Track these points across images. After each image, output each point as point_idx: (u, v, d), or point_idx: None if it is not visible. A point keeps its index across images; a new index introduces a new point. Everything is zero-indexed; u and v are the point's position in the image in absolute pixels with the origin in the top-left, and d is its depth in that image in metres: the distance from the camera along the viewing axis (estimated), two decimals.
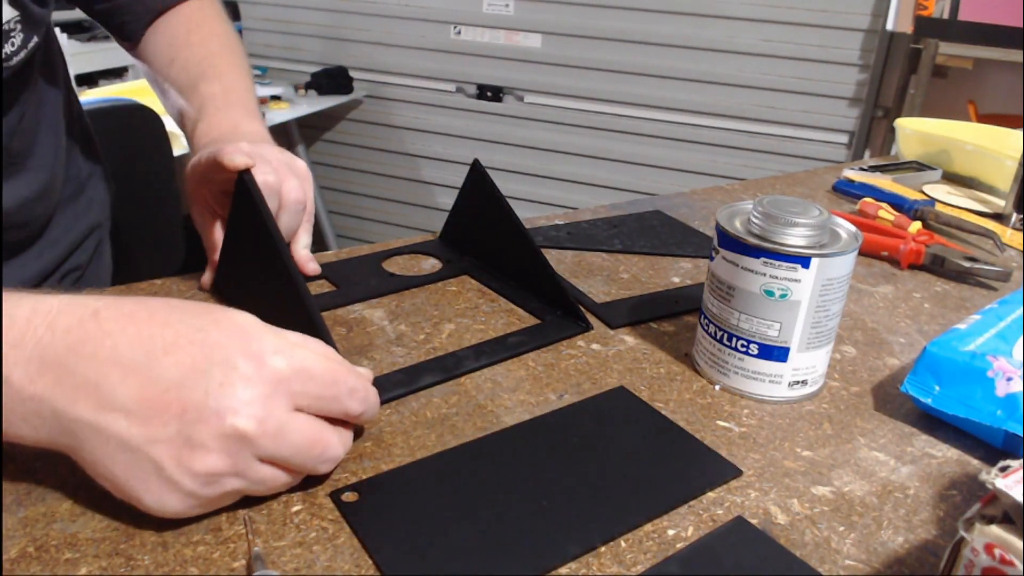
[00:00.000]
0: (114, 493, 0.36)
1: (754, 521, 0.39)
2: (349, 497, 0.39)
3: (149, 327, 0.36)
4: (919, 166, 1.01)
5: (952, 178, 1.00)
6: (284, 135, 2.66)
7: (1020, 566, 0.28)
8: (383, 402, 0.47)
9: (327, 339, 0.44)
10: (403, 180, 2.75)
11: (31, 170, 0.66)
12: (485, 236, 0.64)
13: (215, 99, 0.65)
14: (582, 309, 0.58)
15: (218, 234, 0.58)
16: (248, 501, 0.38)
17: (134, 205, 1.07)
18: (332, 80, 2.52)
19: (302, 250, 0.62)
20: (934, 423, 0.48)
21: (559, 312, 0.58)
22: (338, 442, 0.39)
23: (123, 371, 0.35)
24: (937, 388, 0.47)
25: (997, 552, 0.28)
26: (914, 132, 1.04)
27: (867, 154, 2.18)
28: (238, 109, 0.65)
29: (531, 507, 0.39)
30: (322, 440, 0.37)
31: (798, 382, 0.49)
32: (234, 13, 2.35)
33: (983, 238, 0.79)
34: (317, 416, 0.38)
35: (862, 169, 0.98)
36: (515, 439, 0.44)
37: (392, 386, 0.48)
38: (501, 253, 0.63)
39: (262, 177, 0.53)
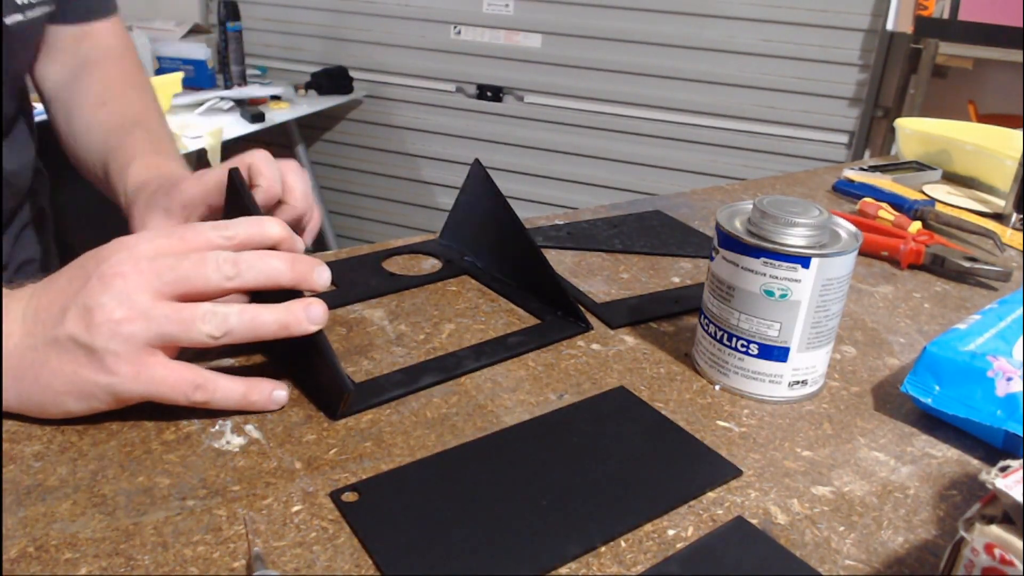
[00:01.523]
0: (79, 403, 0.41)
1: (754, 521, 0.39)
2: (349, 497, 0.39)
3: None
4: (919, 166, 1.01)
5: (952, 178, 1.00)
6: (284, 135, 2.66)
7: (1020, 566, 0.28)
8: (383, 402, 0.47)
9: (323, 341, 0.44)
10: (403, 180, 2.75)
11: (29, 124, 0.68)
12: (485, 236, 0.64)
13: (155, 144, 0.67)
14: (582, 309, 0.58)
15: None
16: (248, 501, 0.38)
17: None
18: (332, 80, 2.52)
19: None
20: (934, 423, 0.48)
21: (559, 312, 0.58)
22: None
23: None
24: (937, 388, 0.47)
25: (997, 552, 0.28)
26: (914, 132, 1.04)
27: (867, 154, 2.19)
28: (176, 160, 0.67)
29: (531, 507, 0.39)
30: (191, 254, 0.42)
31: (798, 382, 0.49)
32: (234, 13, 2.35)
33: (983, 238, 0.79)
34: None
35: (862, 169, 0.98)
36: (515, 439, 0.44)
37: (392, 386, 0.48)
38: (501, 253, 0.63)
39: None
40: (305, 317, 0.43)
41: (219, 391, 0.43)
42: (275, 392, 0.45)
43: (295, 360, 0.49)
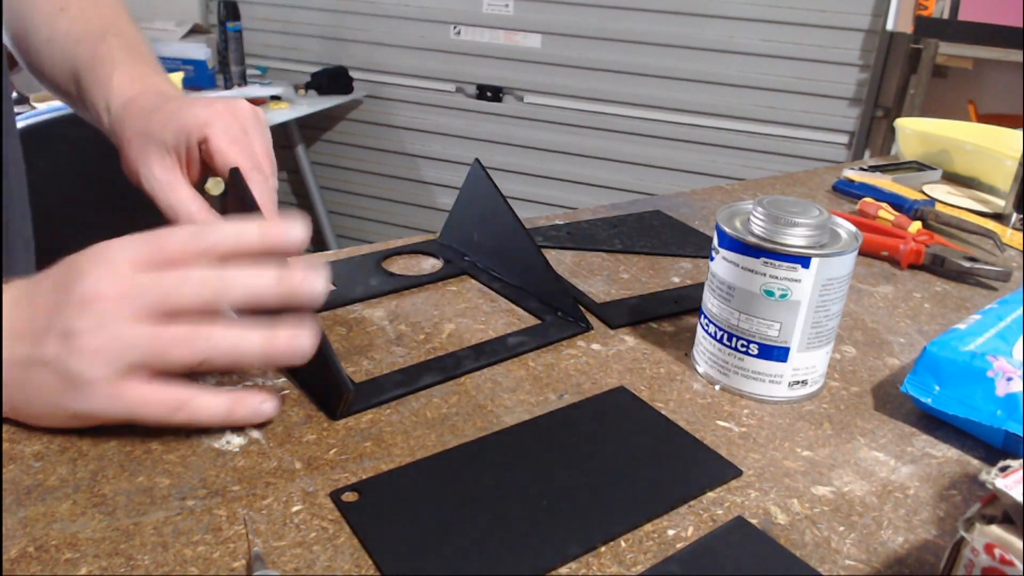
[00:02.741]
0: (62, 418, 0.41)
1: (754, 521, 0.39)
2: (349, 497, 0.39)
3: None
4: (919, 166, 1.01)
5: (952, 178, 1.00)
6: (284, 135, 2.66)
7: (1020, 566, 0.28)
8: (383, 402, 0.47)
9: (323, 341, 0.44)
10: (403, 180, 2.75)
11: None
12: (485, 236, 0.64)
13: (134, 52, 0.60)
14: (582, 309, 0.58)
15: (185, 193, 0.52)
16: (248, 501, 0.38)
17: (135, 204, 1.07)
18: (332, 80, 2.52)
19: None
20: (934, 423, 0.48)
21: (559, 312, 0.58)
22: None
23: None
24: (937, 388, 0.47)
25: (997, 552, 0.28)
26: (914, 132, 1.04)
27: (867, 154, 2.19)
28: (160, 73, 0.60)
29: (531, 507, 0.39)
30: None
31: (798, 382, 0.49)
32: (234, 13, 2.35)
33: (983, 238, 0.79)
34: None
35: (862, 169, 0.98)
36: (515, 439, 0.44)
37: (392, 386, 0.48)
38: (501, 253, 0.63)
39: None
40: (288, 347, 0.41)
41: (201, 410, 0.42)
42: (262, 405, 0.43)
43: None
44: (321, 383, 0.46)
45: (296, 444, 0.43)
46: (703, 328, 0.52)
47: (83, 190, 0.84)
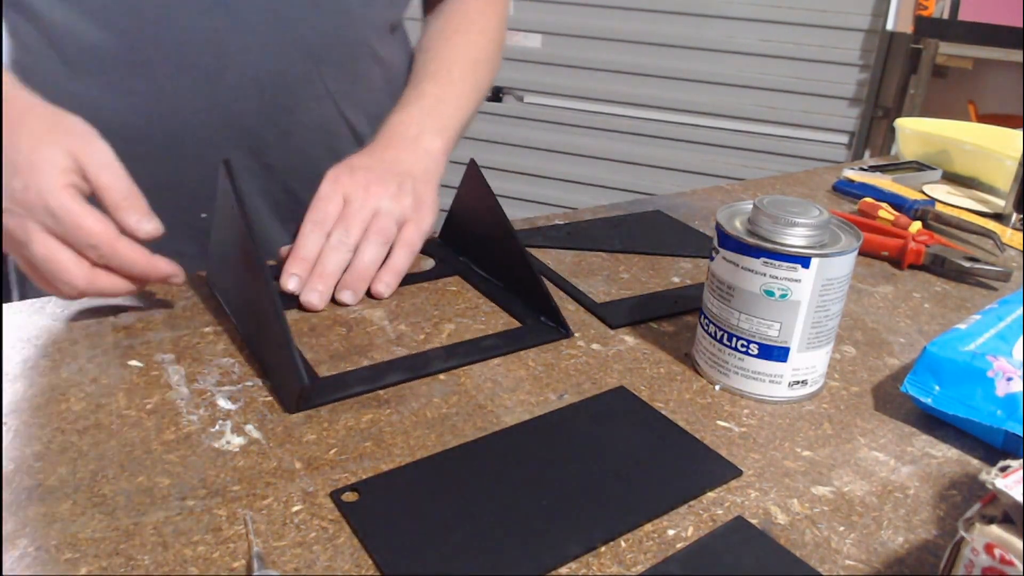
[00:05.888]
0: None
1: (754, 521, 0.39)
2: (349, 497, 0.39)
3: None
4: (919, 166, 1.01)
5: (952, 178, 1.00)
6: None
7: (1020, 566, 0.28)
8: (345, 397, 0.47)
9: (288, 343, 0.44)
10: None
11: None
12: (480, 237, 0.64)
13: (422, 100, 0.68)
14: (583, 310, 0.58)
15: None
16: (248, 501, 0.38)
17: None
18: None
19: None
20: (934, 423, 0.48)
21: (541, 317, 0.57)
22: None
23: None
24: (937, 388, 0.47)
25: (997, 552, 0.28)
26: (914, 132, 1.04)
27: (867, 154, 2.19)
28: (433, 119, 0.67)
29: (531, 507, 0.39)
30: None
31: (798, 382, 0.49)
32: None
33: (983, 238, 0.79)
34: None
35: (862, 169, 0.98)
36: (515, 439, 0.44)
37: (356, 382, 0.48)
38: (491, 254, 0.63)
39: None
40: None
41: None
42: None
43: (263, 352, 0.49)
44: (280, 375, 0.46)
45: (296, 444, 0.43)
46: (703, 328, 0.52)
47: None
